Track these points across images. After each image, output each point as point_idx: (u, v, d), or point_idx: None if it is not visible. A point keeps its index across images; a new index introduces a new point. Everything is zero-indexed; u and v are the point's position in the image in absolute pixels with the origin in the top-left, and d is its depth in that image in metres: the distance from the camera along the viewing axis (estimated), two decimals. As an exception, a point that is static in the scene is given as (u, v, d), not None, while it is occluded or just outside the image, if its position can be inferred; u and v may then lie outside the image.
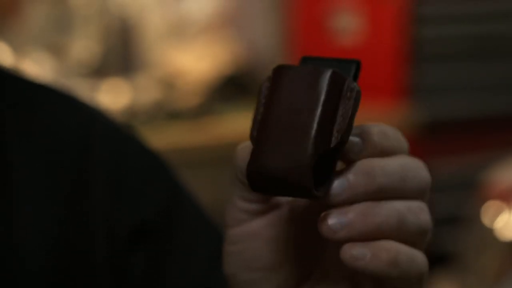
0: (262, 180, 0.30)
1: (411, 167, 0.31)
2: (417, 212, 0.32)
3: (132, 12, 1.97)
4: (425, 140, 2.03)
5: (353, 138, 0.30)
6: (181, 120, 1.72)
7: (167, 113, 1.73)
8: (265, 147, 0.29)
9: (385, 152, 0.30)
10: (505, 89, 2.26)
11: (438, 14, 2.14)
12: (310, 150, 0.28)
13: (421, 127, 1.96)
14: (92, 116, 0.58)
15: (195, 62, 1.94)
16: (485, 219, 1.64)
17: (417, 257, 0.32)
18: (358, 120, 0.33)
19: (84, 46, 1.94)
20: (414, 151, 0.32)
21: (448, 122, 2.18)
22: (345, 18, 2.09)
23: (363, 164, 0.30)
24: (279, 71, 0.30)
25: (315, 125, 0.29)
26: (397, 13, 2.08)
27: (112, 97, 1.78)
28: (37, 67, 1.85)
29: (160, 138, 1.64)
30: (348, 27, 2.10)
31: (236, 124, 1.78)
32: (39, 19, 1.97)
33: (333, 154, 0.29)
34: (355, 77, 0.30)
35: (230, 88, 1.87)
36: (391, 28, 2.10)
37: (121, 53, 1.95)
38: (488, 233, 1.63)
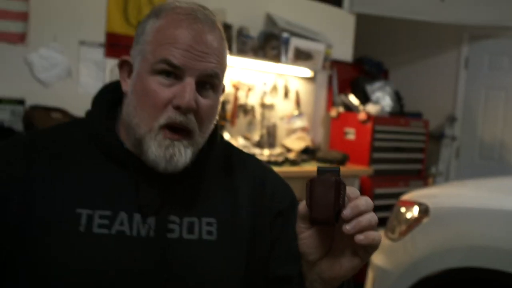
0: (315, 221, 0.83)
1: (368, 201, 0.84)
2: (374, 217, 0.84)
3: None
4: None
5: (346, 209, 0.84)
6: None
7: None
8: (314, 209, 0.81)
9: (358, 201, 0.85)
10: None
11: None
12: (333, 210, 0.80)
13: None
14: (267, 171, 1.20)
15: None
16: None
17: (380, 237, 0.84)
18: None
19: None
20: None
21: None
22: None
23: (355, 204, 0.84)
24: (314, 179, 0.81)
25: (333, 200, 0.79)
26: None
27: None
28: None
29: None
30: None
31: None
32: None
33: (340, 209, 0.80)
34: (339, 174, 0.81)
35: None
36: None
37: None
38: None
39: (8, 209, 0.99)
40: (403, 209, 2.88)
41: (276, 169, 3.59)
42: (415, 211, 2.80)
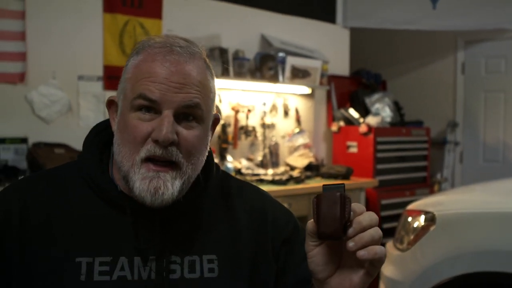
0: (323, 236, 0.86)
1: (372, 216, 0.87)
2: (378, 231, 0.86)
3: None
4: None
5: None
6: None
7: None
8: (321, 224, 0.85)
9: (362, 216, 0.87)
10: None
11: None
12: (340, 224, 0.85)
13: None
14: (266, 197, 1.20)
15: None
16: None
17: (384, 251, 0.85)
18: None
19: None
20: None
21: None
22: None
23: (358, 220, 0.86)
24: (320, 195, 0.85)
25: (339, 215, 0.84)
26: None
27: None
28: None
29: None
30: None
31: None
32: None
33: (346, 222, 0.85)
34: (344, 189, 0.85)
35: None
36: None
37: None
38: None
39: (7, 260, 0.99)
40: (410, 219, 2.90)
41: (281, 187, 3.60)
42: (421, 220, 2.80)
